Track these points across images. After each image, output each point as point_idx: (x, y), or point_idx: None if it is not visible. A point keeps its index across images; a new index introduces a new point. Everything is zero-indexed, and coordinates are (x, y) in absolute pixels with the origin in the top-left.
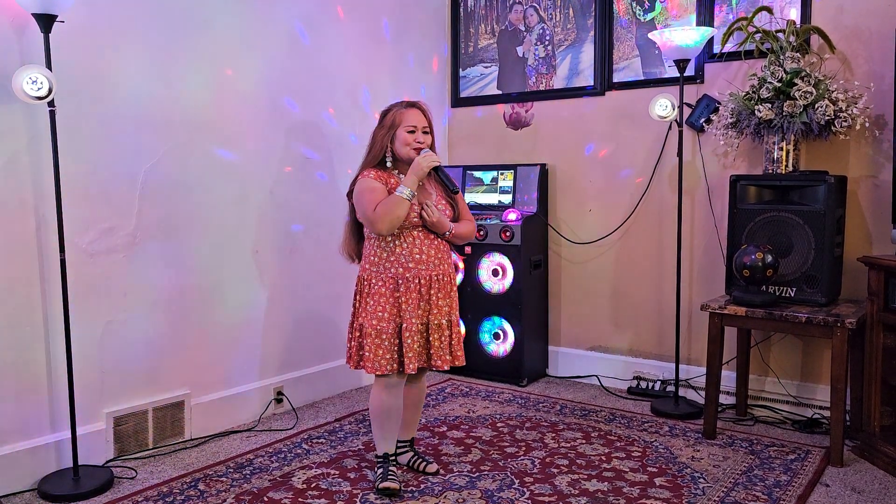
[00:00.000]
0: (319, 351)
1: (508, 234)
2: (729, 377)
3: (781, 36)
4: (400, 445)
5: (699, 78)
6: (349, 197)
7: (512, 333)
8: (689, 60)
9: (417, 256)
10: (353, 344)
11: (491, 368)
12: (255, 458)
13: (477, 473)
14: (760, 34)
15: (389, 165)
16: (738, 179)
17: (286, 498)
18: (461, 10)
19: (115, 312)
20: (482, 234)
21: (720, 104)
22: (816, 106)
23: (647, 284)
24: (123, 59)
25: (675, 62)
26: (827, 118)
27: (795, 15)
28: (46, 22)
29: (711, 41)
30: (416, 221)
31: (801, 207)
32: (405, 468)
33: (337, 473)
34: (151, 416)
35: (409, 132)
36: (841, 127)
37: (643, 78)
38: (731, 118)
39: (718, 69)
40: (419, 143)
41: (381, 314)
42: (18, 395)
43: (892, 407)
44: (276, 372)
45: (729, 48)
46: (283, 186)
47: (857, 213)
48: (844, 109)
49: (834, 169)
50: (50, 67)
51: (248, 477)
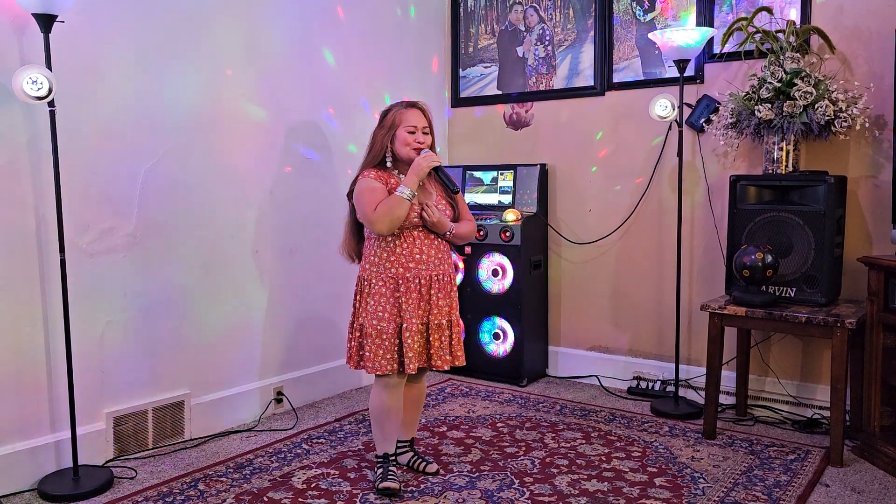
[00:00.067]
0: (319, 351)
1: (508, 234)
2: (729, 377)
3: (781, 36)
4: (400, 445)
5: (699, 78)
6: (349, 197)
7: (512, 333)
8: (689, 60)
9: (418, 256)
10: (353, 344)
11: (491, 368)
12: (255, 458)
13: (477, 473)
14: (760, 34)
15: (389, 165)
16: (738, 179)
17: (286, 498)
18: (461, 10)
19: (115, 312)
20: (482, 234)
21: (720, 104)
22: (816, 106)
23: (647, 284)
24: (123, 59)
25: (675, 62)
26: (827, 118)
27: (795, 15)
28: (46, 22)
29: (711, 41)
30: (416, 221)
31: (801, 207)
32: (405, 468)
33: (337, 473)
34: (151, 416)
35: (409, 132)
36: (841, 127)
37: (643, 78)
38: (731, 118)
39: (718, 69)
40: (419, 143)
41: (381, 314)
42: (18, 395)
43: (892, 407)
44: (276, 372)
45: (729, 48)
46: (283, 186)
47: (857, 213)
48: (844, 110)
49: (834, 169)
50: (50, 67)
51: (248, 477)
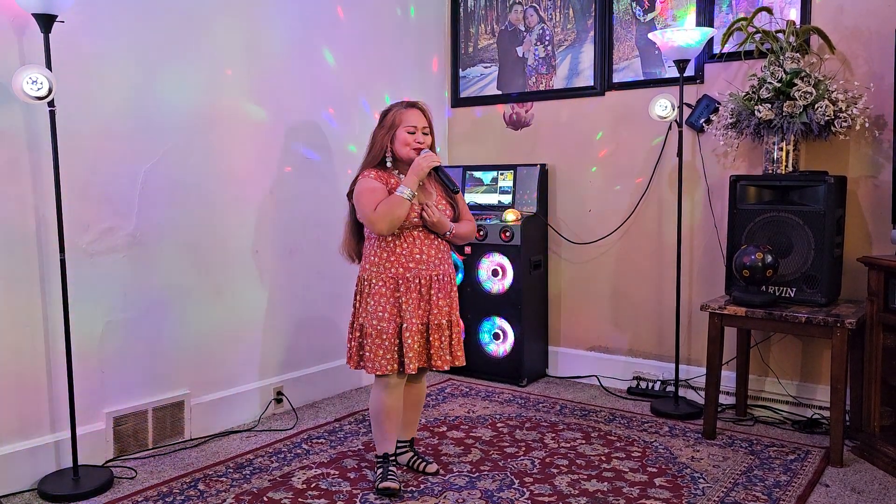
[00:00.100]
0: (319, 351)
1: (508, 234)
2: (729, 377)
3: (781, 36)
4: (400, 445)
5: (699, 78)
6: (349, 197)
7: (512, 333)
8: (688, 61)
9: (418, 256)
10: (353, 344)
11: (491, 368)
12: (254, 458)
13: (477, 473)
14: (760, 34)
15: (389, 165)
16: (737, 179)
17: (286, 498)
18: (461, 10)
19: (115, 312)
20: (482, 234)
21: (720, 104)
22: (816, 106)
23: (647, 284)
24: (123, 59)
25: (674, 62)
26: (827, 118)
27: (795, 15)
28: (46, 22)
29: (711, 41)
30: (416, 221)
31: (800, 208)
32: (405, 468)
33: (337, 473)
34: (151, 416)
35: (408, 132)
36: (841, 127)
37: (643, 78)
38: (730, 118)
39: (718, 69)
40: (419, 143)
41: (381, 314)
42: (18, 395)
43: (891, 407)
44: (276, 372)
45: (729, 48)
46: (283, 186)
47: (856, 213)
48: (844, 110)
49: (834, 169)
50: (50, 67)
51: (247, 477)
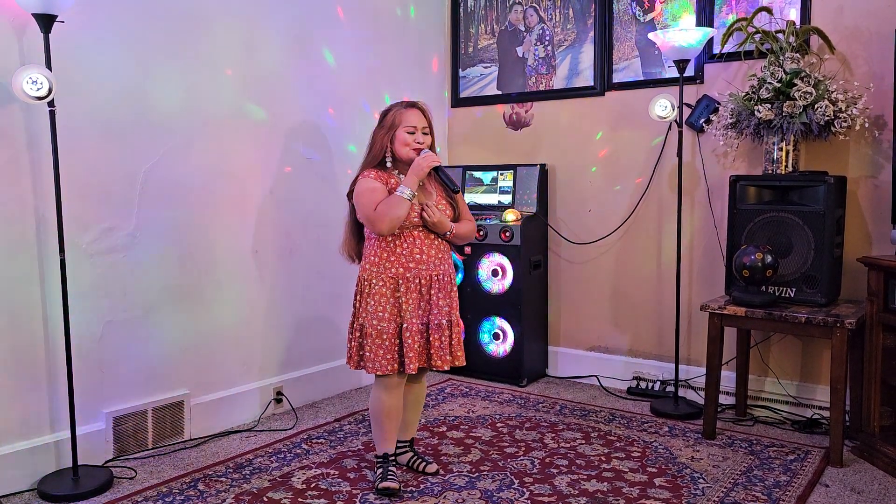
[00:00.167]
0: (319, 351)
1: (508, 234)
2: (728, 377)
3: (781, 36)
4: (400, 445)
5: (699, 78)
6: (349, 197)
7: (512, 333)
8: (688, 61)
9: (418, 256)
10: (353, 344)
11: (491, 368)
12: (254, 458)
13: (476, 474)
14: (760, 35)
15: (389, 166)
16: (737, 180)
17: (286, 498)
18: (461, 10)
19: (115, 312)
20: (482, 234)
21: (720, 104)
22: (816, 106)
23: (646, 284)
24: (124, 59)
25: (674, 62)
26: (826, 118)
27: (795, 15)
28: (46, 22)
29: (711, 42)
30: (416, 221)
31: (800, 208)
32: (405, 468)
33: (336, 473)
34: (151, 416)
35: (408, 133)
36: (840, 127)
37: (643, 78)
38: (730, 118)
39: (718, 69)
40: (419, 143)
41: (381, 314)
42: (18, 395)
43: (891, 407)
44: (275, 372)
45: (728, 49)
46: (283, 186)
47: (856, 213)
48: (844, 110)
49: (833, 169)
50: (50, 67)
51: (247, 477)
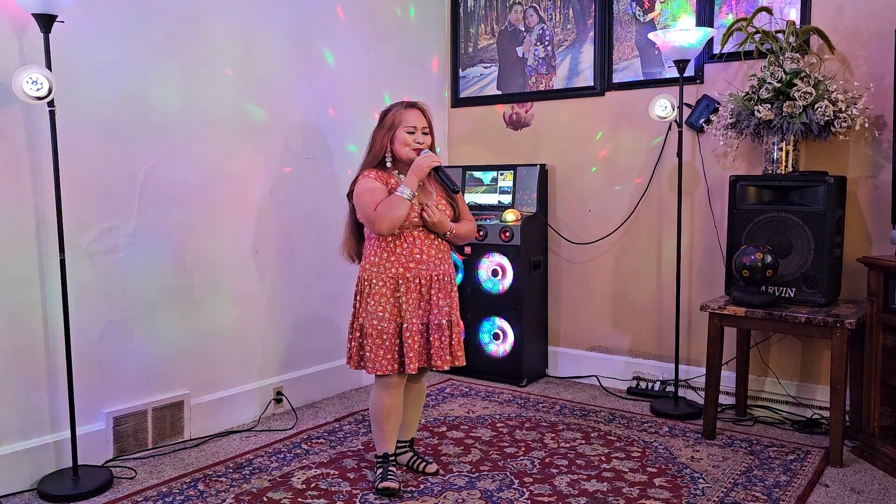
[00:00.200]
0: (319, 351)
1: (508, 234)
2: (728, 377)
3: (781, 36)
4: (399, 446)
5: (699, 78)
6: (349, 197)
7: (512, 333)
8: (688, 61)
9: (418, 256)
10: (353, 344)
11: (491, 369)
12: (254, 458)
13: (476, 474)
14: (760, 35)
15: (389, 166)
16: (737, 180)
17: (286, 498)
18: (461, 10)
19: (115, 312)
20: (482, 234)
21: (720, 104)
22: (816, 106)
23: (646, 285)
24: (124, 59)
25: (674, 62)
26: (826, 119)
27: (795, 15)
28: (46, 22)
29: (711, 42)
30: (416, 221)
31: (800, 208)
32: (405, 468)
33: (336, 473)
34: (151, 416)
35: (408, 133)
36: (840, 127)
37: (643, 78)
38: (730, 118)
39: (718, 70)
40: (418, 143)
41: (381, 314)
42: (18, 395)
43: (891, 407)
44: (275, 372)
45: (728, 49)
46: (282, 186)
47: (856, 213)
48: (844, 110)
49: (833, 169)
50: (50, 67)
51: (247, 477)
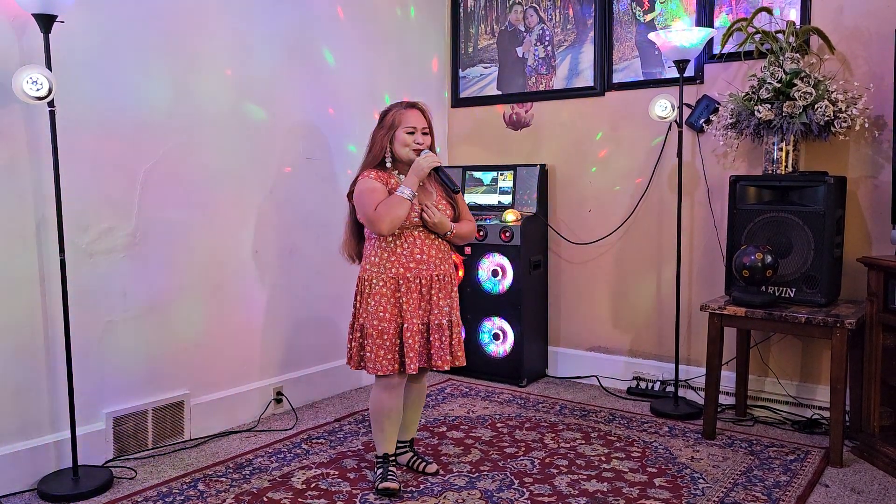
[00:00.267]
0: (319, 351)
1: (508, 234)
2: (728, 377)
3: (781, 37)
4: (400, 446)
5: (699, 78)
6: (349, 198)
7: (511, 334)
8: (688, 61)
9: (418, 256)
10: (353, 344)
11: (491, 369)
12: (254, 458)
13: (476, 474)
14: (760, 35)
15: (389, 166)
16: (737, 180)
17: (286, 498)
18: (461, 10)
19: (115, 312)
20: (482, 234)
21: (720, 105)
22: (816, 106)
23: (646, 285)
24: (123, 58)
25: (674, 63)
26: (826, 119)
27: (795, 16)
28: (46, 22)
29: (711, 42)
30: (416, 222)
31: (800, 208)
32: (405, 468)
33: (336, 474)
34: (151, 416)
35: (408, 133)
36: (840, 127)
37: (643, 78)
38: (730, 119)
39: (718, 70)
40: (418, 144)
41: (382, 314)
42: (18, 395)
43: (891, 407)
44: (275, 372)
45: (728, 49)
46: (282, 186)
47: (856, 213)
48: (844, 110)
49: (833, 169)
50: (50, 67)
51: (247, 477)
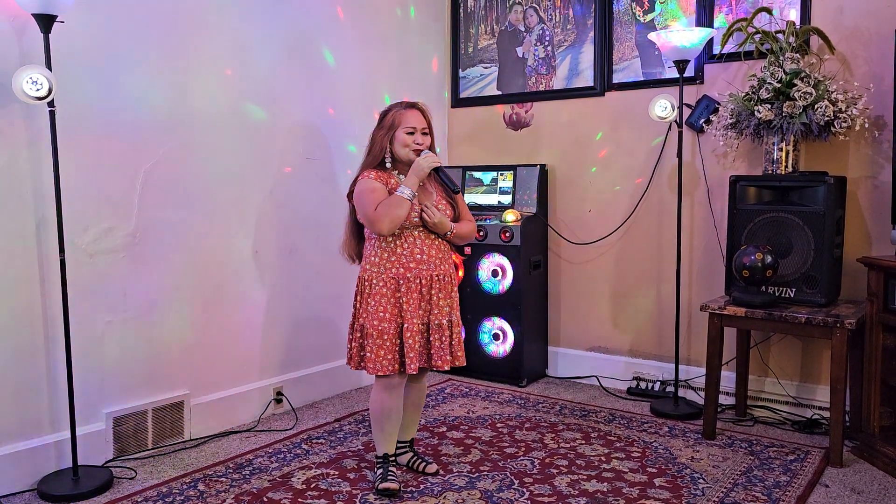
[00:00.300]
0: (319, 351)
1: (508, 234)
2: (728, 378)
3: (781, 37)
4: (399, 446)
5: (699, 79)
6: (349, 198)
7: (511, 334)
8: (688, 61)
9: (418, 256)
10: (353, 345)
11: (491, 369)
12: (254, 458)
13: (476, 474)
14: (760, 35)
15: (389, 166)
16: (737, 180)
17: (286, 498)
18: (461, 10)
19: (115, 312)
20: (482, 234)
21: (720, 105)
22: (816, 107)
23: (646, 285)
24: (123, 58)
25: (674, 63)
26: (826, 119)
27: (795, 16)
28: (46, 22)
29: (711, 42)
30: (416, 222)
31: (800, 208)
32: (405, 468)
33: (336, 474)
34: (151, 416)
35: (408, 133)
36: (840, 128)
37: (643, 78)
38: (730, 119)
39: (718, 70)
40: (418, 144)
41: (382, 315)
42: (18, 395)
43: (891, 407)
44: (275, 372)
45: (728, 49)
46: (283, 186)
47: (856, 213)
48: (844, 110)
49: (833, 169)
50: (50, 67)
51: (247, 477)
